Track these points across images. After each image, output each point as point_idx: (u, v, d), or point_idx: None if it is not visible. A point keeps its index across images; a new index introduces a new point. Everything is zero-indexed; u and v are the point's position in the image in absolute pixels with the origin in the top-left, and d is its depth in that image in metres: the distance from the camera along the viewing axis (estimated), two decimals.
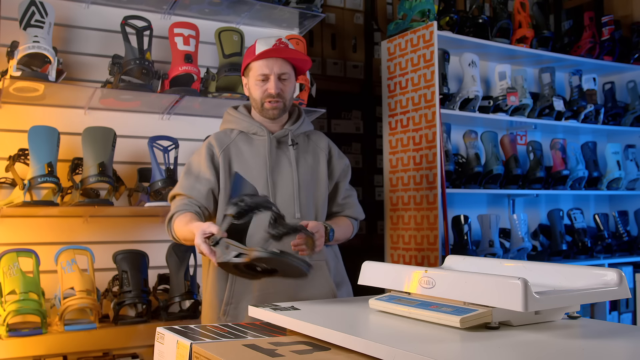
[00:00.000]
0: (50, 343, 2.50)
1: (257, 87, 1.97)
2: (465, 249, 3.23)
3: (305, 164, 2.03)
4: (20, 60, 2.31)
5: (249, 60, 1.98)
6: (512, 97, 3.44)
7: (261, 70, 1.94)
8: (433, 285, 1.20)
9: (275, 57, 1.94)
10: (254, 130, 2.02)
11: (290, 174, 1.99)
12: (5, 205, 2.32)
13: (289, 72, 1.98)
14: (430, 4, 3.27)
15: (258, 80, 1.96)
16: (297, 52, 2.00)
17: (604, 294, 1.17)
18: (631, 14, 4.24)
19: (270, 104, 1.97)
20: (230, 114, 2.09)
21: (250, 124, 2.02)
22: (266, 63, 1.94)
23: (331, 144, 2.14)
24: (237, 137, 2.03)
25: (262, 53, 1.93)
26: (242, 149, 2.00)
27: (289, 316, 1.27)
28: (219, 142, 2.01)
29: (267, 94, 1.96)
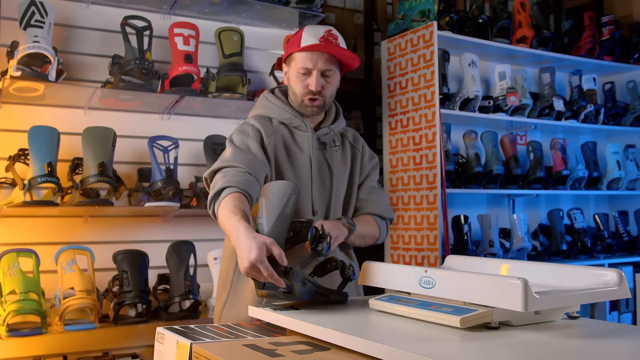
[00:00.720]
0: (50, 343, 2.50)
1: (298, 80, 1.82)
2: (465, 249, 3.23)
3: (342, 167, 1.91)
4: (20, 60, 2.31)
5: (293, 49, 1.82)
6: (512, 97, 3.44)
7: (304, 64, 1.79)
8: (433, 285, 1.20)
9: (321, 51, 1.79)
10: (297, 123, 1.87)
11: (330, 178, 1.87)
12: (5, 205, 2.32)
13: (333, 68, 1.83)
14: (430, 4, 3.27)
15: (300, 73, 1.81)
16: (346, 51, 1.82)
17: (604, 294, 1.16)
18: (631, 14, 4.24)
19: (310, 101, 1.82)
20: (271, 100, 1.91)
21: (293, 115, 1.86)
22: (310, 56, 1.79)
23: (363, 143, 2.02)
24: (280, 127, 1.86)
25: (308, 47, 1.78)
26: (287, 141, 1.85)
27: (289, 316, 1.27)
28: (265, 128, 1.83)
29: (307, 90, 1.82)
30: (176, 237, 2.73)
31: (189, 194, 2.73)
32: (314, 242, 1.39)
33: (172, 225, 2.81)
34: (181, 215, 2.78)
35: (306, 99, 1.82)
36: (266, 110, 1.90)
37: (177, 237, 2.73)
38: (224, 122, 2.98)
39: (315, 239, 1.39)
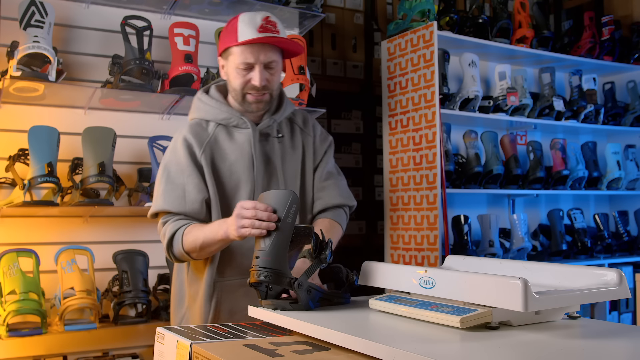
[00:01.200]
0: (50, 343, 2.50)
1: (238, 75, 1.68)
2: (465, 249, 3.23)
3: (292, 157, 1.80)
4: (20, 60, 2.31)
5: (230, 44, 1.68)
6: (512, 97, 3.44)
7: (244, 58, 1.65)
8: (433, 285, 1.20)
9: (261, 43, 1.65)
10: (235, 122, 1.74)
11: (276, 172, 1.76)
12: (5, 205, 2.32)
13: (276, 59, 1.69)
14: (430, 4, 3.27)
15: (240, 68, 1.67)
16: (288, 41, 1.70)
17: (604, 294, 1.16)
18: (631, 14, 4.24)
19: (253, 96, 1.70)
20: (204, 102, 1.78)
21: (230, 114, 1.74)
22: (251, 49, 1.65)
23: (315, 124, 1.90)
24: (216, 130, 1.75)
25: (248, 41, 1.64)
26: (224, 146, 1.73)
27: (289, 316, 1.27)
28: (197, 139, 1.72)
29: (250, 86, 1.68)
30: None
31: None
32: (316, 250, 1.38)
33: None
34: None
35: (249, 95, 1.71)
36: (201, 112, 1.78)
37: None
38: None
39: (318, 247, 1.38)
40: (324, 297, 1.39)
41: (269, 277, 1.30)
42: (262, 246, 1.33)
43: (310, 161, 1.83)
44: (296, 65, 2.80)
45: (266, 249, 1.32)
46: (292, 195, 1.35)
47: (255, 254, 1.33)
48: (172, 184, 1.70)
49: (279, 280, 1.30)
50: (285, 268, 1.32)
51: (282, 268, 1.31)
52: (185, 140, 1.73)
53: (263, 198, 1.39)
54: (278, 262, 1.31)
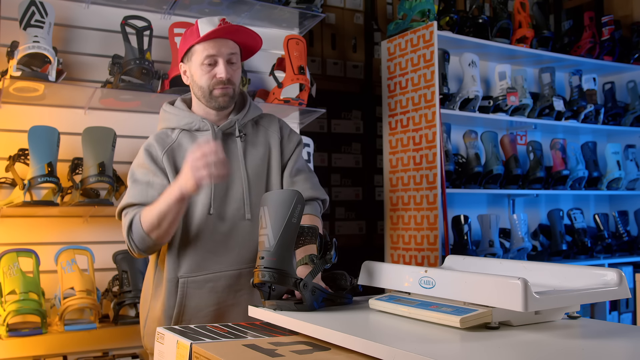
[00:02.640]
0: (50, 343, 2.50)
1: (203, 72, 1.73)
2: (465, 249, 3.23)
3: (255, 156, 1.82)
4: (20, 60, 2.31)
5: (192, 42, 1.74)
6: (512, 97, 3.44)
7: (207, 52, 1.71)
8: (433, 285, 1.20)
9: (223, 38, 1.73)
10: (197, 125, 1.79)
11: (239, 170, 1.78)
12: (5, 205, 2.32)
13: (237, 53, 1.77)
14: (430, 4, 3.27)
15: (204, 64, 1.72)
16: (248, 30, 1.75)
17: (604, 294, 1.16)
18: (631, 14, 4.24)
19: (219, 90, 1.74)
20: (167, 111, 1.84)
21: (191, 118, 1.79)
22: (213, 44, 1.72)
23: (283, 125, 1.92)
24: (179, 136, 1.80)
25: (209, 34, 1.70)
26: (187, 148, 1.76)
27: (289, 316, 1.27)
28: (160, 143, 1.78)
29: (216, 81, 1.73)
30: None
31: None
32: (321, 250, 1.38)
33: None
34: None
35: (216, 90, 1.75)
36: (165, 122, 1.84)
37: None
38: None
39: (323, 247, 1.38)
40: (327, 298, 1.39)
41: (274, 277, 1.29)
42: (267, 246, 1.32)
43: (276, 160, 1.85)
44: (296, 65, 2.80)
45: (271, 249, 1.31)
46: (297, 195, 1.34)
47: (260, 254, 1.32)
48: (136, 182, 1.75)
49: (284, 281, 1.30)
50: (290, 268, 1.31)
51: (287, 268, 1.31)
52: (149, 145, 1.79)
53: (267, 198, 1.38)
54: (283, 262, 1.31)
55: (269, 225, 1.33)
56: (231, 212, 1.76)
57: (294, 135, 1.93)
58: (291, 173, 1.86)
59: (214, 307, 1.74)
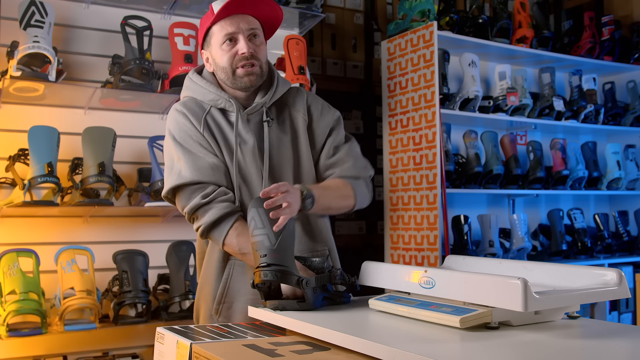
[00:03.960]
0: (50, 343, 2.50)
1: (224, 52, 1.61)
2: (465, 249, 3.23)
3: (283, 140, 1.69)
4: (20, 60, 2.31)
5: (208, 23, 1.62)
6: (512, 97, 3.44)
7: (225, 30, 1.59)
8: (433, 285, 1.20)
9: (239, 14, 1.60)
10: (222, 104, 1.66)
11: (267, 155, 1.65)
12: (5, 205, 2.32)
13: (258, 27, 1.63)
14: (430, 4, 3.27)
15: (224, 43, 1.60)
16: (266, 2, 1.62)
17: (604, 294, 1.16)
18: (631, 14, 4.24)
19: (243, 69, 1.61)
20: (194, 81, 1.70)
21: (217, 95, 1.65)
22: (230, 21, 1.59)
23: (311, 102, 1.76)
24: (211, 108, 1.67)
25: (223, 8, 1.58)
26: (221, 123, 1.66)
27: (289, 316, 1.27)
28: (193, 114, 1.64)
29: (238, 58, 1.60)
30: (176, 237, 2.73)
31: None
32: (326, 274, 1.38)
33: (172, 225, 2.81)
34: (181, 215, 2.76)
35: (239, 69, 1.62)
36: (190, 92, 1.71)
37: (177, 237, 2.73)
38: None
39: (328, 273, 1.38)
40: (327, 297, 1.39)
41: (277, 275, 1.29)
42: (268, 245, 1.32)
43: (305, 146, 1.71)
44: (296, 65, 2.80)
45: (273, 248, 1.31)
46: None
47: (261, 253, 1.32)
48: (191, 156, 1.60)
49: (287, 279, 1.30)
50: (292, 267, 1.32)
51: (289, 266, 1.31)
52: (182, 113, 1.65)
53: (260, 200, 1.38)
54: (285, 261, 1.31)
55: (268, 224, 1.33)
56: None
57: (327, 113, 1.76)
58: (328, 155, 1.72)
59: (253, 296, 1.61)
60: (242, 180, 1.64)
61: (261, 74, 1.65)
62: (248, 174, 1.65)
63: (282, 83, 1.74)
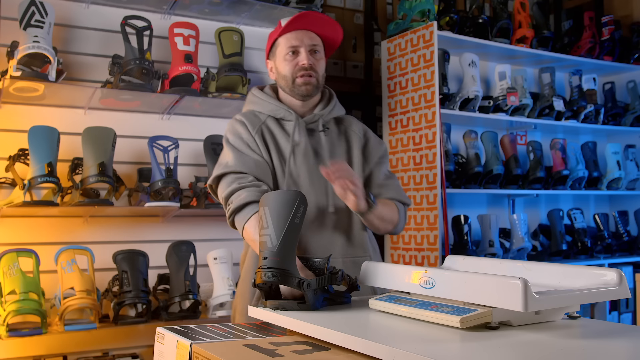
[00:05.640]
0: (50, 343, 2.50)
1: (287, 62, 1.79)
2: (465, 249, 3.23)
3: (338, 151, 1.84)
4: (20, 60, 2.31)
5: (275, 36, 1.82)
6: (512, 97, 3.44)
7: (290, 43, 1.78)
8: (433, 285, 1.20)
9: (304, 30, 1.79)
10: (282, 114, 1.82)
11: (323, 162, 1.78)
12: (5, 205, 2.32)
13: (319, 44, 1.81)
14: (430, 4, 3.27)
15: (287, 54, 1.78)
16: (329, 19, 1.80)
17: (604, 294, 1.16)
18: (631, 14, 4.24)
19: (302, 78, 1.78)
20: (255, 95, 1.89)
21: (277, 107, 1.83)
22: (295, 35, 1.78)
23: (367, 129, 1.95)
24: (267, 119, 1.83)
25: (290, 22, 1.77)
26: (275, 131, 1.81)
27: (289, 316, 1.27)
28: (250, 122, 1.81)
29: (298, 68, 1.78)
30: (176, 237, 2.73)
31: (189, 194, 2.73)
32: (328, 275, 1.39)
33: (172, 225, 2.81)
34: (181, 215, 2.78)
35: (298, 77, 1.78)
36: (252, 105, 1.88)
37: (177, 237, 2.73)
38: (224, 122, 2.98)
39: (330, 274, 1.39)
40: (327, 297, 1.39)
41: (278, 277, 1.29)
42: (270, 246, 1.32)
43: (358, 162, 1.86)
44: None
45: (274, 249, 1.31)
46: (300, 196, 1.35)
47: (263, 254, 1.32)
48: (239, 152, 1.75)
49: (287, 281, 1.30)
50: (293, 268, 1.31)
51: (290, 268, 1.31)
52: (240, 122, 1.81)
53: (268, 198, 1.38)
54: (286, 262, 1.31)
55: (271, 225, 1.33)
56: (315, 203, 1.76)
57: (381, 142, 1.95)
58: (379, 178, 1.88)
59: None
60: (293, 183, 1.77)
61: (317, 85, 1.81)
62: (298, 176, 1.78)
63: (339, 106, 1.93)
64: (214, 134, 2.80)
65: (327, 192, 1.78)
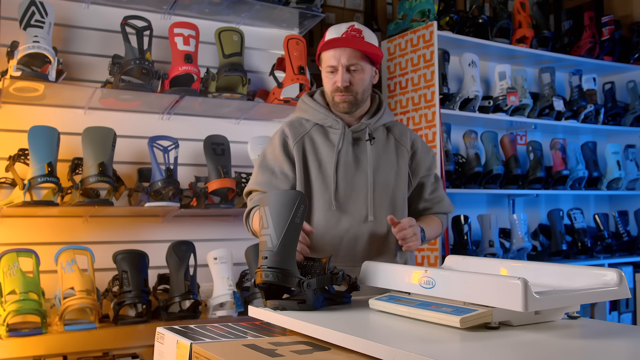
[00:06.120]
0: (50, 343, 2.50)
1: (327, 79, 1.84)
2: (465, 249, 3.23)
3: (383, 161, 1.87)
4: (20, 60, 2.31)
5: (319, 50, 1.86)
6: (512, 97, 3.44)
7: (329, 62, 1.81)
8: (433, 285, 1.20)
9: (343, 47, 1.79)
10: (330, 123, 1.86)
11: (365, 173, 1.84)
12: (5, 205, 2.32)
13: (359, 62, 1.80)
14: (430, 4, 3.27)
15: (327, 72, 1.83)
16: (367, 44, 1.80)
17: (604, 294, 1.16)
18: (631, 14, 4.24)
19: (339, 97, 1.82)
20: (306, 102, 1.93)
21: (326, 115, 1.87)
22: (334, 53, 1.80)
23: (415, 137, 1.97)
24: (313, 128, 1.88)
25: (328, 42, 1.80)
26: (317, 141, 1.86)
27: (289, 316, 1.27)
28: (294, 131, 1.87)
29: (335, 87, 1.82)
30: (176, 237, 2.73)
31: (189, 194, 2.73)
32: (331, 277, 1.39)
33: (172, 225, 2.81)
34: (181, 215, 2.78)
35: (335, 95, 1.83)
36: (301, 112, 1.93)
37: (177, 237, 2.73)
38: (224, 122, 2.98)
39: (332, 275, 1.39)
40: (327, 297, 1.39)
41: (278, 277, 1.29)
42: (270, 246, 1.32)
43: (403, 175, 1.90)
44: (296, 65, 2.80)
45: (274, 249, 1.31)
46: (300, 196, 1.35)
47: (263, 254, 1.32)
48: (265, 167, 1.87)
49: (287, 280, 1.30)
50: (293, 268, 1.31)
51: (290, 268, 1.31)
52: (282, 132, 1.88)
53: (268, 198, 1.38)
54: (286, 262, 1.31)
55: (272, 225, 1.33)
56: (354, 211, 1.81)
57: (428, 150, 1.98)
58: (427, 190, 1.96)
59: None
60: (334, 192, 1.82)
61: (355, 101, 1.84)
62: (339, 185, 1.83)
63: (388, 113, 1.95)
64: (214, 134, 2.80)
65: (367, 202, 1.82)
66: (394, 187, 1.87)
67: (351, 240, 1.81)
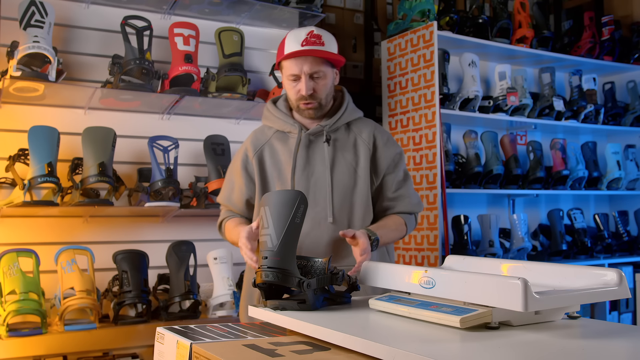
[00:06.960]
0: (50, 343, 2.50)
1: (290, 87, 1.85)
2: (465, 249, 3.23)
3: (342, 162, 1.87)
4: (20, 60, 2.31)
5: (279, 58, 1.86)
6: (512, 97, 3.44)
7: (291, 70, 1.81)
8: (433, 285, 1.20)
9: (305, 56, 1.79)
10: (289, 128, 1.89)
11: (324, 175, 1.84)
12: (5, 205, 2.32)
13: (321, 69, 1.81)
14: (430, 4, 3.27)
15: (290, 80, 1.83)
16: (327, 52, 1.81)
17: (604, 294, 1.16)
18: (631, 14, 4.24)
19: (304, 104, 1.84)
20: (269, 110, 1.96)
21: (285, 122, 1.89)
22: (295, 62, 1.80)
23: (377, 133, 1.93)
24: (274, 135, 1.92)
25: (290, 54, 1.80)
26: (276, 148, 1.90)
27: (289, 316, 1.27)
28: (254, 143, 1.93)
29: (299, 96, 1.83)
30: (176, 237, 2.73)
31: (189, 194, 2.73)
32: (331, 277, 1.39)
33: (172, 225, 2.81)
34: (181, 215, 2.78)
35: (301, 103, 1.84)
36: (265, 120, 1.98)
37: (177, 237, 2.73)
38: (224, 122, 2.98)
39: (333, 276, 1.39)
40: (328, 297, 1.39)
41: (278, 277, 1.29)
42: (270, 246, 1.32)
43: (364, 172, 1.88)
44: None
45: (274, 249, 1.31)
46: (300, 196, 1.35)
47: (263, 254, 1.32)
48: (227, 181, 2.00)
49: (287, 280, 1.30)
50: (293, 268, 1.31)
51: (290, 268, 1.31)
52: (245, 146, 1.96)
53: (268, 198, 1.38)
54: (286, 262, 1.31)
55: (272, 225, 1.33)
56: (314, 214, 1.82)
57: (392, 145, 1.94)
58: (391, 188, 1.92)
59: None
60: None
61: (320, 107, 1.86)
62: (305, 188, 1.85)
63: (351, 111, 1.94)
64: (214, 134, 2.80)
65: (327, 203, 1.83)
66: (352, 187, 1.86)
67: (312, 244, 1.80)
